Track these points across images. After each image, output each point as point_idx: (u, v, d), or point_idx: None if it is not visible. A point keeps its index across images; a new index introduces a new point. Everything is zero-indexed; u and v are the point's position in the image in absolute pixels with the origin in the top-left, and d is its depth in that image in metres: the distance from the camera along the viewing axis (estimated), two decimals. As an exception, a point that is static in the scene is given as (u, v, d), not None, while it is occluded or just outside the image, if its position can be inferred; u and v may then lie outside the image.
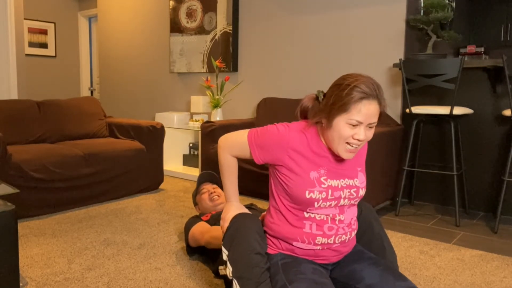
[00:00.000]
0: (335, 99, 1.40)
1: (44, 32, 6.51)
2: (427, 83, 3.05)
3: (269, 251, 1.60)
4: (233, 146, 1.61)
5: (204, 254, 2.27)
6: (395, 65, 3.32)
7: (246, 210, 1.67)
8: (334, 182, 1.50)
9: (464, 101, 3.30)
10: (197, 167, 4.59)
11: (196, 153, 4.70)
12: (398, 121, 3.60)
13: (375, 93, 1.38)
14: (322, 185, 1.48)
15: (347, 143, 1.42)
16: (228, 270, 1.53)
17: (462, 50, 3.20)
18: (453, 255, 2.42)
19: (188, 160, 4.73)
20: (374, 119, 1.41)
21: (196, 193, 2.60)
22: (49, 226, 2.79)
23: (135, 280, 2.02)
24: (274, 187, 1.58)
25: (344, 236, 1.55)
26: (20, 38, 4.63)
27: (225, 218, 1.65)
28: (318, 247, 1.53)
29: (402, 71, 3.13)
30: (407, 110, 3.18)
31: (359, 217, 1.74)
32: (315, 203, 1.48)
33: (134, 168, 3.57)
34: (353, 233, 1.60)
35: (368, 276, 1.48)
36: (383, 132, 3.16)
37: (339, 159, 1.53)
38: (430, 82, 3.03)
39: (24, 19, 6.24)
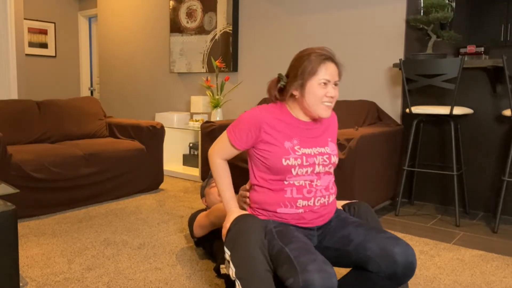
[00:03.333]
0: (303, 68, 1.62)
1: (44, 32, 6.51)
2: (427, 83, 3.05)
3: (261, 217, 1.70)
4: (219, 148, 1.75)
5: (208, 249, 2.27)
6: (395, 65, 3.32)
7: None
8: (307, 150, 1.66)
9: (464, 101, 3.30)
10: (197, 167, 4.59)
11: (196, 153, 4.71)
12: (398, 121, 3.60)
13: (332, 55, 1.64)
14: (297, 153, 1.64)
15: (322, 102, 1.63)
16: (231, 271, 1.53)
17: (462, 50, 3.20)
18: (453, 255, 2.42)
19: (188, 160, 4.73)
20: (337, 78, 1.65)
21: (206, 185, 2.58)
22: (49, 226, 2.79)
23: (135, 280, 2.02)
24: (255, 167, 1.72)
25: (323, 198, 1.68)
26: (20, 38, 4.63)
27: (227, 226, 1.65)
28: (300, 210, 1.65)
29: (402, 71, 3.14)
30: (407, 110, 3.18)
31: (353, 215, 1.79)
32: (292, 170, 1.63)
33: (134, 168, 3.57)
34: (332, 197, 1.73)
35: (355, 237, 1.61)
36: (383, 132, 3.16)
37: (309, 130, 1.70)
38: (430, 82, 3.03)
39: (24, 19, 6.24)
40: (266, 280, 1.48)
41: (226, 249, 1.57)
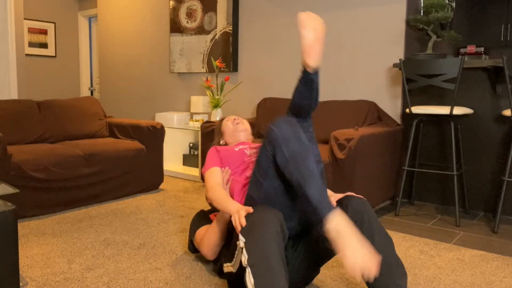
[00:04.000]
0: (217, 125, 2.45)
1: (44, 32, 6.51)
2: (427, 83, 3.05)
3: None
4: (208, 180, 2.08)
5: None
6: (395, 65, 3.32)
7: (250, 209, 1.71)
8: (252, 146, 2.20)
9: (464, 101, 3.30)
10: (197, 167, 4.59)
11: (196, 153, 4.71)
12: (398, 121, 3.60)
13: (231, 116, 2.44)
14: (245, 145, 2.18)
15: (235, 130, 2.31)
16: (244, 258, 1.54)
17: (462, 50, 3.20)
18: (453, 255, 2.42)
19: (188, 160, 4.73)
20: (237, 117, 2.39)
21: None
22: (49, 226, 2.79)
23: (135, 280, 2.02)
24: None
25: None
26: (20, 38, 4.63)
27: (242, 214, 1.66)
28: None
29: (402, 71, 3.14)
30: (407, 110, 3.18)
31: (348, 211, 1.69)
32: (245, 150, 2.14)
33: (134, 168, 3.57)
34: None
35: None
36: (383, 132, 3.16)
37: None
38: (430, 82, 3.03)
39: (24, 19, 6.24)
40: (278, 270, 1.48)
41: (241, 237, 1.58)
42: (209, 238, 2.04)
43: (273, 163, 1.66)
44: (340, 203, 1.74)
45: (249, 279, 1.48)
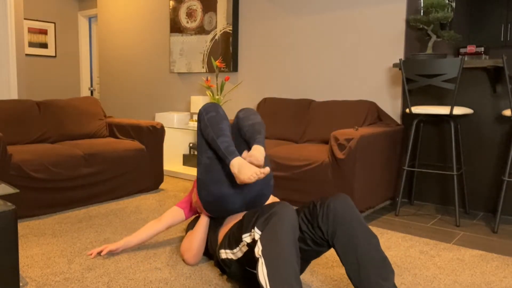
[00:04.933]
0: None
1: (44, 32, 6.51)
2: (427, 83, 3.05)
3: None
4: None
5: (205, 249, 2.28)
6: (395, 65, 3.32)
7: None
8: None
9: (464, 101, 3.30)
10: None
11: (196, 153, 4.70)
12: (398, 121, 3.60)
13: None
14: None
15: None
16: (257, 249, 1.57)
17: (462, 50, 3.20)
18: (453, 255, 2.42)
19: (188, 160, 4.73)
20: None
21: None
22: (49, 226, 2.79)
23: (135, 280, 2.02)
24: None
25: None
26: (20, 38, 4.63)
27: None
28: None
29: (402, 71, 3.14)
30: (407, 110, 3.18)
31: (327, 214, 1.71)
32: None
33: (134, 168, 3.57)
34: None
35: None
36: (383, 132, 3.16)
37: None
38: (430, 82, 3.03)
39: (24, 19, 6.24)
40: (292, 262, 1.51)
41: (256, 229, 1.63)
42: (190, 243, 2.16)
43: (202, 136, 2.04)
44: (321, 203, 1.75)
45: (262, 270, 1.51)
